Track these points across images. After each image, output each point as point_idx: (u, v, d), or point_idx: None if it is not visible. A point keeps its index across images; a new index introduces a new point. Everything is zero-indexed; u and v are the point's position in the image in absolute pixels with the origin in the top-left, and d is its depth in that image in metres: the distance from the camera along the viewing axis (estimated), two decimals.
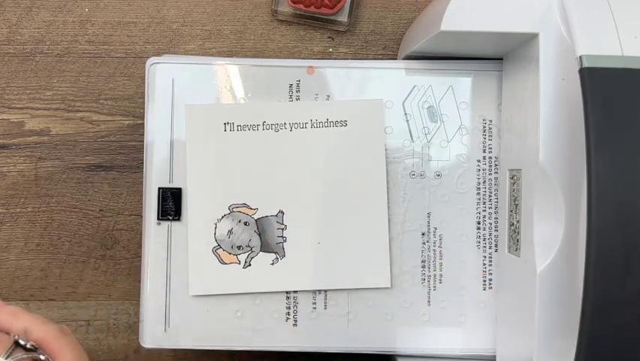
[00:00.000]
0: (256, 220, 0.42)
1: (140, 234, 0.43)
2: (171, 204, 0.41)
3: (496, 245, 0.42)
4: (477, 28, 0.36)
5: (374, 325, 0.42)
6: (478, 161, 0.42)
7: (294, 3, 0.44)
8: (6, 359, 0.31)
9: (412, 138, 0.42)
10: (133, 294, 0.46)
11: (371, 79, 0.42)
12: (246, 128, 0.42)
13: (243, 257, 0.42)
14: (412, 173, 0.42)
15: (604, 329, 0.30)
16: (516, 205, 0.39)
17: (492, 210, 0.42)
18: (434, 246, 0.42)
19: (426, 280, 0.42)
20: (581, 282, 0.31)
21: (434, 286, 0.42)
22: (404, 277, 0.42)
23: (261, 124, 0.42)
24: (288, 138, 0.41)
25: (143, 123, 0.42)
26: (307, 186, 0.41)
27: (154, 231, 0.42)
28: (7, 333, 0.32)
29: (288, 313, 0.42)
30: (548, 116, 0.35)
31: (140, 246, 0.42)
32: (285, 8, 0.45)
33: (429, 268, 0.42)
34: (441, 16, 0.36)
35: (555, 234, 0.35)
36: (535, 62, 0.36)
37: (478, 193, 0.42)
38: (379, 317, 0.42)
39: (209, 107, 0.42)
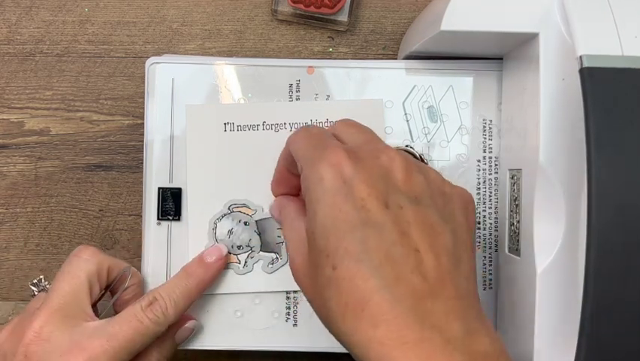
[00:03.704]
0: (256, 220, 0.42)
1: (140, 234, 0.43)
2: (171, 204, 0.41)
3: (496, 245, 0.42)
4: (477, 28, 0.36)
5: None
6: (478, 161, 0.42)
7: (294, 3, 0.44)
8: None
9: (412, 138, 0.42)
10: None
11: (371, 79, 0.42)
12: (246, 129, 0.42)
13: (242, 257, 0.42)
14: None
15: (604, 329, 0.30)
16: (516, 205, 0.39)
17: (492, 210, 0.42)
18: None
19: None
20: (581, 282, 0.31)
21: None
22: None
23: (261, 124, 0.42)
24: None
25: (143, 123, 0.42)
26: None
27: (154, 231, 0.42)
28: None
29: (288, 314, 0.42)
30: (548, 116, 0.35)
31: (140, 246, 0.42)
32: (285, 8, 0.45)
33: None
34: (441, 16, 0.36)
35: (555, 234, 0.35)
36: (535, 61, 0.36)
37: (478, 193, 0.42)
38: None
39: (209, 107, 0.42)
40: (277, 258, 0.42)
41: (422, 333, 0.27)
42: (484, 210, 0.42)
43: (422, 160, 0.35)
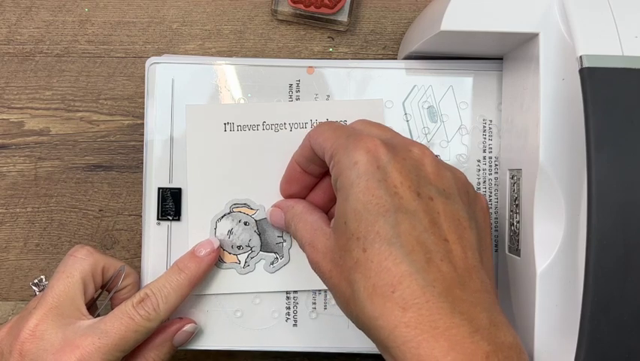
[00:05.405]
0: (256, 220, 0.42)
1: (140, 234, 0.43)
2: (171, 204, 0.41)
3: (496, 245, 0.42)
4: (477, 28, 0.36)
5: None
6: (478, 161, 0.42)
7: (294, 3, 0.44)
8: None
9: (412, 138, 0.42)
10: None
11: (371, 79, 0.42)
12: (246, 129, 0.42)
13: (242, 257, 0.42)
14: None
15: (604, 329, 0.30)
16: (516, 205, 0.39)
17: (492, 210, 0.42)
18: None
19: None
20: (581, 282, 0.31)
21: None
22: None
23: (261, 124, 0.42)
24: (288, 138, 0.41)
25: (143, 123, 0.42)
26: None
27: (154, 231, 0.42)
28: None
29: (288, 314, 0.42)
30: (548, 116, 0.35)
31: (140, 246, 0.42)
32: (285, 8, 0.45)
33: None
34: (441, 16, 0.36)
35: (555, 234, 0.35)
36: (535, 62, 0.36)
37: None
38: None
39: (209, 107, 0.42)
40: (277, 258, 0.42)
41: (452, 319, 0.27)
42: None
43: None
